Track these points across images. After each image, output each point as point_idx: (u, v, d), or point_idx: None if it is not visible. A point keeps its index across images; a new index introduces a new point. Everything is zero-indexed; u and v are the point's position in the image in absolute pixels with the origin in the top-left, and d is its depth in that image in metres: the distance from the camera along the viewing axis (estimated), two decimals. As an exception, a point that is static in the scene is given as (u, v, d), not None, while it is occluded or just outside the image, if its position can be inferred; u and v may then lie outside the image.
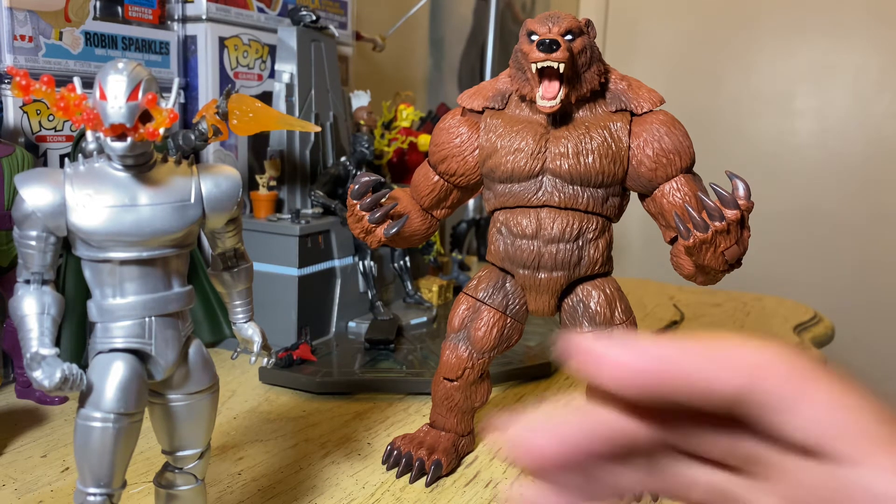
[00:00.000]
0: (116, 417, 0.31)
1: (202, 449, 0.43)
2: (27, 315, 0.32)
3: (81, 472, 0.33)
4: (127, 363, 0.32)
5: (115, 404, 0.31)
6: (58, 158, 0.78)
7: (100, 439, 0.31)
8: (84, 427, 0.31)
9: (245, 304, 0.37)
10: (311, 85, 0.98)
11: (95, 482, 0.32)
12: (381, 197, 0.60)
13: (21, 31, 0.74)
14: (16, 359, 0.70)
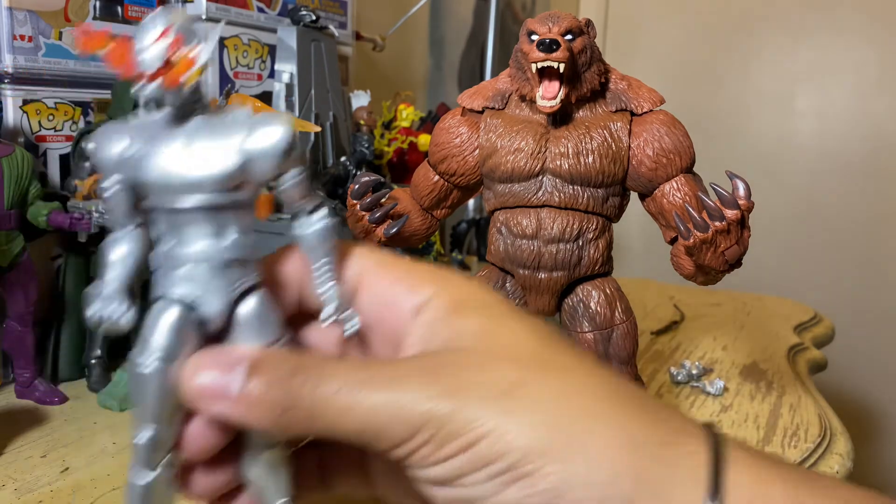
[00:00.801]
0: (162, 355, 0.29)
1: None
2: (109, 261, 0.32)
3: (134, 419, 0.31)
4: (177, 309, 0.30)
5: (162, 348, 0.29)
6: (58, 158, 0.78)
7: (148, 383, 0.29)
8: (134, 373, 0.30)
9: (326, 265, 0.33)
10: (310, 85, 0.98)
11: (146, 423, 0.30)
12: (380, 197, 0.59)
13: (21, 30, 0.74)
14: (16, 359, 0.70)
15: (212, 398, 0.27)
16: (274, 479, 0.32)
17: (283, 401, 0.26)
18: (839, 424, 0.72)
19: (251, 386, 0.27)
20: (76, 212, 0.70)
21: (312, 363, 0.28)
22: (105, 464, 0.60)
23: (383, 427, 0.26)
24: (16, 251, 0.68)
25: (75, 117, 0.80)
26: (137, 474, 0.31)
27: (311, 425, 0.27)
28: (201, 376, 0.28)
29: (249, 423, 0.27)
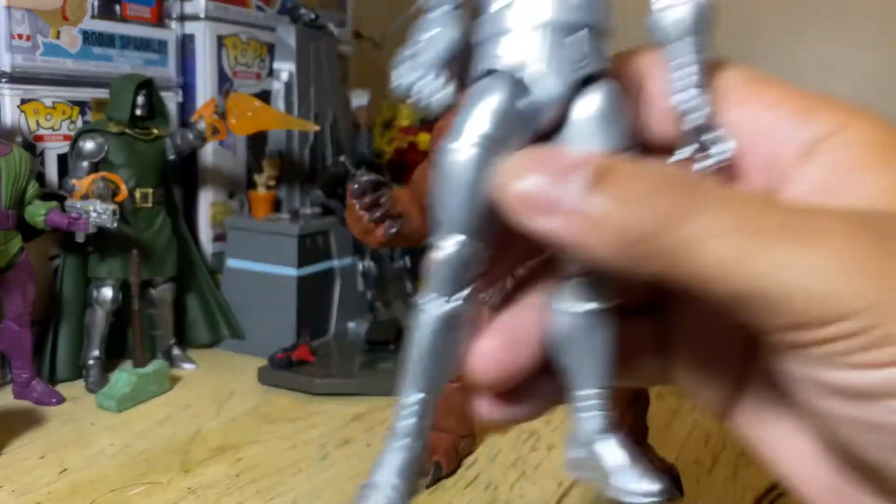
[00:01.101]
0: (482, 142, 0.22)
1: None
2: (420, 40, 0.26)
3: (438, 225, 0.24)
4: (504, 87, 0.23)
5: (482, 134, 0.22)
6: (56, 158, 0.78)
7: (460, 175, 0.22)
8: (444, 161, 0.23)
9: (692, 65, 0.24)
10: (310, 84, 0.98)
11: (450, 231, 0.23)
12: (380, 196, 0.59)
13: (19, 30, 0.74)
14: (13, 359, 0.70)
15: (536, 210, 0.20)
16: (589, 349, 0.25)
17: (638, 227, 0.19)
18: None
19: (595, 200, 0.19)
20: (74, 212, 0.70)
21: (689, 183, 0.20)
22: (103, 465, 0.60)
23: (787, 297, 0.18)
24: (13, 251, 0.67)
25: (73, 116, 0.80)
26: (430, 303, 0.24)
27: (671, 269, 0.19)
28: (525, 180, 0.20)
29: (581, 249, 0.20)
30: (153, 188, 0.79)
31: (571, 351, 0.24)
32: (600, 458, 0.24)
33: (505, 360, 0.24)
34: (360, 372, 0.79)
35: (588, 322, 0.24)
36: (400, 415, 0.24)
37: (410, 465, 0.23)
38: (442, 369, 0.24)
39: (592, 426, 0.25)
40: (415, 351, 0.24)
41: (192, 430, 0.67)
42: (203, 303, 0.87)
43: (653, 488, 0.23)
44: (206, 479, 0.58)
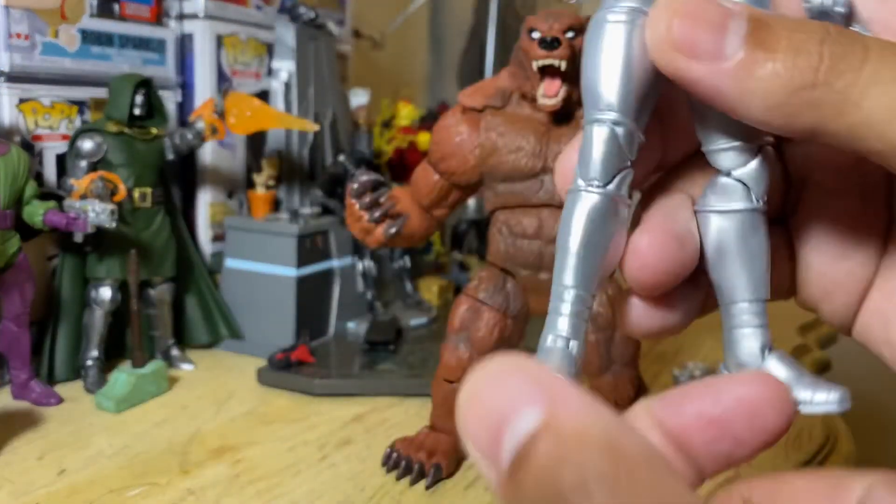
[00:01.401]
0: (629, 12, 0.22)
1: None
2: None
3: (589, 101, 0.23)
4: None
5: (633, 3, 0.22)
6: (54, 158, 0.78)
7: (609, 40, 0.22)
8: (598, 34, 0.22)
9: None
10: (309, 83, 0.97)
11: (596, 105, 0.22)
12: (380, 196, 0.59)
13: (17, 29, 0.73)
14: (12, 359, 0.70)
15: (695, 55, 0.20)
16: (743, 256, 0.23)
17: (802, 75, 0.19)
18: (843, 427, 0.72)
19: (755, 51, 0.19)
20: (72, 211, 0.69)
21: (848, 35, 0.19)
22: (102, 465, 0.59)
23: None
24: (12, 251, 0.67)
25: (71, 116, 0.79)
26: (586, 189, 0.22)
27: (830, 121, 0.19)
28: (685, 25, 0.20)
29: (740, 102, 0.20)
30: (152, 188, 0.79)
31: (724, 259, 0.24)
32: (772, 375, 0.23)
33: (667, 256, 0.23)
34: (360, 372, 0.78)
35: (740, 225, 0.23)
36: (557, 308, 0.22)
37: (572, 365, 0.21)
38: (600, 262, 0.22)
39: (755, 343, 0.24)
40: (571, 240, 0.22)
41: (191, 430, 0.66)
42: (202, 303, 0.87)
43: (832, 396, 0.23)
44: (204, 480, 0.58)
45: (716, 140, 0.23)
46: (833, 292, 0.26)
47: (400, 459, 0.60)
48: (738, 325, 0.24)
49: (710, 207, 0.24)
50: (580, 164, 0.22)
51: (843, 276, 0.25)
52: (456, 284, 1.10)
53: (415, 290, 1.02)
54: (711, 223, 0.24)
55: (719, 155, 0.23)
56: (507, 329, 0.59)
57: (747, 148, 0.23)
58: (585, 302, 0.22)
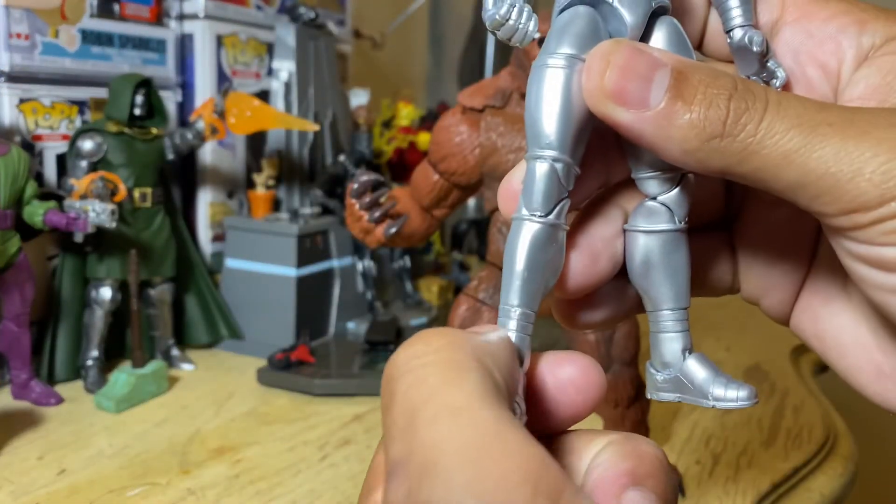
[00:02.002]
0: (567, 59, 0.24)
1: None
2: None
3: (532, 139, 0.25)
4: (586, 10, 0.25)
5: (573, 51, 0.24)
6: (54, 158, 0.78)
7: (549, 84, 0.24)
8: (539, 80, 0.24)
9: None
10: (309, 83, 0.97)
11: (537, 142, 0.24)
12: (380, 196, 0.59)
13: (17, 29, 0.73)
14: (12, 359, 0.70)
15: (622, 104, 0.23)
16: (666, 270, 0.26)
17: (711, 127, 0.22)
18: (843, 426, 0.72)
19: (675, 102, 0.22)
20: (72, 211, 0.70)
21: (758, 88, 0.22)
22: (102, 465, 0.59)
23: (844, 183, 0.21)
24: (12, 251, 0.67)
25: (72, 116, 0.79)
26: (528, 219, 0.25)
27: (739, 165, 0.22)
28: (611, 75, 0.23)
29: (660, 146, 0.23)
30: (152, 188, 0.79)
31: (649, 273, 0.26)
32: (690, 375, 0.26)
33: (584, 271, 0.26)
34: (360, 372, 0.78)
35: (663, 243, 0.26)
36: (505, 324, 0.25)
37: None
38: (541, 283, 0.25)
39: (676, 346, 0.27)
40: (516, 264, 0.25)
41: (191, 430, 0.66)
42: (202, 303, 0.87)
43: (741, 394, 0.26)
44: (204, 481, 0.58)
45: (642, 169, 0.26)
46: (770, 290, 0.29)
47: (400, 459, 0.60)
48: (663, 330, 0.27)
49: (638, 227, 0.26)
50: (524, 195, 0.25)
51: (778, 277, 0.29)
52: (456, 284, 1.10)
53: (415, 290, 1.02)
54: (639, 241, 0.27)
55: (646, 182, 0.26)
56: (507, 329, 0.59)
57: (670, 177, 0.26)
58: (529, 318, 0.25)
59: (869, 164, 0.21)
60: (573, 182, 0.25)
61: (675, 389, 0.27)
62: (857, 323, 0.27)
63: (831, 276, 0.28)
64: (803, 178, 0.21)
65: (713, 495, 0.58)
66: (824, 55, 0.25)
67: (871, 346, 0.26)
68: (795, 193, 0.22)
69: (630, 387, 0.57)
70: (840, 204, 0.21)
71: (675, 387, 0.27)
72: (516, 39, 0.26)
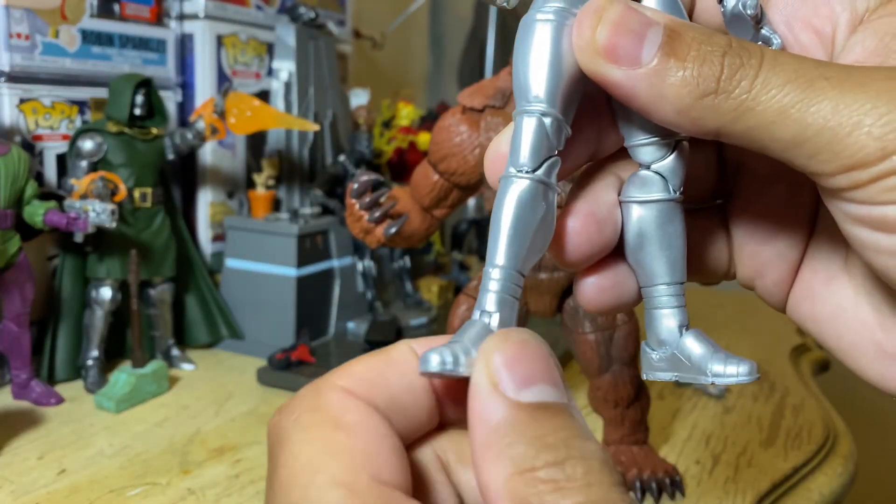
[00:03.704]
0: (557, 12, 0.23)
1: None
2: None
3: (517, 93, 0.24)
4: None
5: (558, 1, 0.23)
6: (54, 158, 0.78)
7: (538, 37, 0.23)
8: (526, 32, 0.24)
9: None
10: (309, 83, 0.97)
11: (525, 96, 0.23)
12: (380, 196, 0.59)
13: (17, 29, 0.74)
14: (12, 359, 0.70)
15: (613, 61, 0.22)
16: (660, 242, 0.25)
17: (705, 83, 0.21)
18: (843, 426, 0.72)
19: (667, 59, 0.21)
20: (72, 211, 0.70)
21: (753, 46, 0.22)
22: (102, 465, 0.59)
23: (842, 137, 0.20)
24: (12, 251, 0.67)
25: (72, 116, 0.79)
26: (517, 175, 0.24)
27: (734, 123, 0.21)
28: (606, 31, 0.22)
29: (652, 105, 0.22)
30: (152, 188, 0.79)
31: (643, 245, 0.25)
32: (687, 352, 0.25)
33: (588, 239, 0.25)
34: (360, 372, 0.78)
35: (658, 214, 0.25)
36: (486, 286, 0.23)
37: (486, 336, 0.22)
38: (529, 242, 0.23)
39: (672, 322, 0.25)
40: (502, 222, 0.23)
41: (191, 430, 0.66)
42: (202, 303, 0.87)
43: (742, 369, 0.25)
44: (205, 480, 0.58)
45: (636, 136, 0.25)
46: (764, 272, 0.28)
47: (400, 459, 0.60)
48: (658, 306, 0.26)
49: (632, 198, 0.26)
50: (511, 153, 0.24)
51: (773, 257, 0.28)
52: (456, 284, 1.10)
53: (415, 290, 1.02)
54: (632, 212, 0.26)
55: (639, 150, 0.25)
56: (506, 329, 0.59)
57: (664, 144, 0.25)
58: (515, 279, 0.23)
59: (868, 116, 0.20)
60: (563, 142, 0.24)
61: (672, 368, 0.26)
62: (857, 301, 0.26)
63: (831, 253, 0.27)
64: (800, 135, 0.21)
65: (713, 495, 0.58)
66: (818, 20, 0.24)
67: (872, 325, 0.25)
68: (792, 153, 0.21)
69: (630, 387, 0.57)
70: (839, 161, 0.20)
71: (671, 365, 0.26)
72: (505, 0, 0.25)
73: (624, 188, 0.26)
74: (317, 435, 0.20)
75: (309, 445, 0.20)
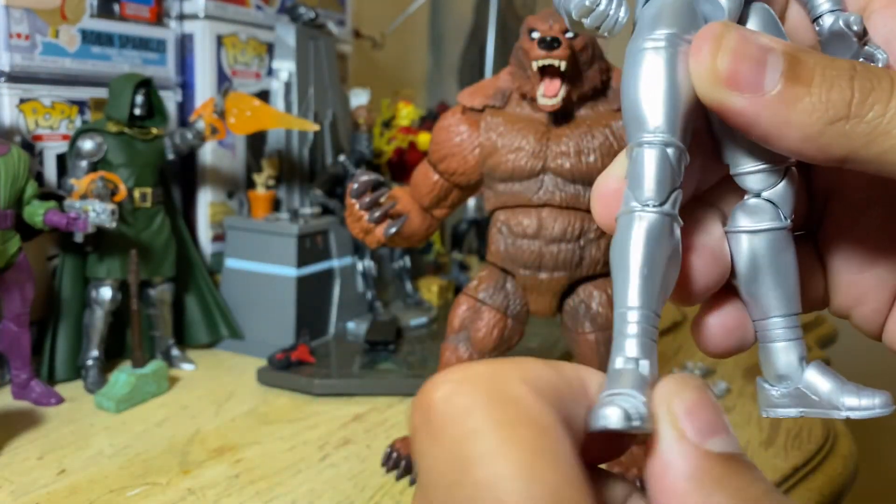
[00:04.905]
0: (669, 38, 0.23)
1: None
2: None
3: (632, 124, 0.23)
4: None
5: (666, 26, 0.23)
6: (54, 158, 0.78)
7: (651, 65, 0.22)
8: (634, 59, 0.23)
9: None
10: (309, 83, 0.97)
11: (644, 127, 0.22)
12: (380, 196, 0.59)
13: (17, 29, 0.74)
14: (12, 359, 0.70)
15: (735, 88, 0.21)
16: (774, 272, 0.24)
17: (835, 109, 0.21)
18: (843, 426, 0.72)
19: (793, 85, 0.21)
20: (72, 211, 0.70)
21: (877, 69, 0.21)
22: (102, 465, 0.59)
23: None
24: (12, 251, 0.67)
25: (72, 116, 0.79)
26: (644, 209, 0.22)
27: (865, 148, 0.21)
28: (724, 60, 0.21)
29: (776, 132, 0.21)
30: (152, 188, 0.79)
31: (758, 276, 0.25)
32: (814, 387, 0.24)
33: (707, 272, 0.25)
34: (360, 372, 0.78)
35: (770, 243, 0.24)
36: (622, 330, 0.22)
37: (645, 384, 0.21)
38: (661, 282, 0.22)
39: (793, 356, 0.24)
40: (632, 261, 0.22)
41: (191, 430, 0.66)
42: (202, 303, 0.87)
43: (878, 401, 0.24)
44: (204, 480, 0.58)
45: (745, 164, 0.25)
46: (863, 300, 0.27)
47: (400, 459, 0.60)
48: (774, 339, 0.25)
49: (742, 228, 0.25)
50: (632, 187, 0.23)
51: (871, 284, 0.27)
52: (456, 284, 1.10)
53: (415, 290, 1.02)
54: (743, 242, 0.25)
55: (748, 178, 0.25)
56: (506, 329, 0.59)
57: (774, 170, 0.24)
58: (652, 321, 0.22)
59: None
60: (683, 171, 0.23)
61: (798, 404, 0.25)
62: None
63: None
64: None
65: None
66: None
67: None
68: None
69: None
70: None
71: (796, 401, 0.25)
72: (605, 28, 0.24)
73: (732, 218, 0.25)
74: (523, 434, 0.18)
75: (512, 446, 0.18)
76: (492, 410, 0.18)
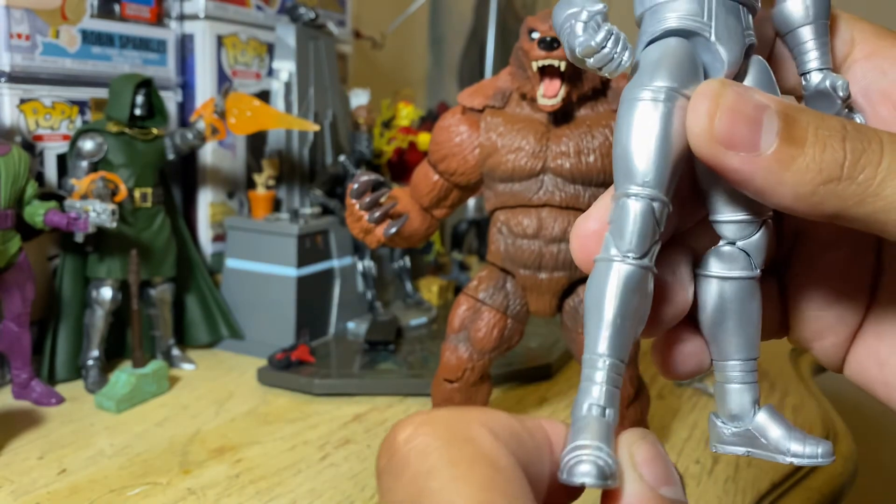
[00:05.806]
0: (667, 93, 0.23)
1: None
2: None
3: (624, 172, 0.23)
4: (681, 43, 0.24)
5: (665, 78, 0.23)
6: (55, 158, 0.78)
7: (646, 117, 0.23)
8: (635, 112, 0.23)
9: (817, 32, 0.26)
10: (309, 83, 0.97)
11: (633, 179, 0.23)
12: (380, 196, 0.59)
13: (18, 29, 0.74)
14: (12, 359, 0.70)
15: (731, 147, 0.22)
16: (740, 319, 0.25)
17: (828, 170, 0.21)
18: (842, 425, 0.72)
19: (787, 146, 0.21)
20: (73, 211, 0.70)
21: (867, 128, 0.22)
22: (102, 465, 0.59)
23: None
24: (12, 251, 0.67)
25: (72, 116, 0.79)
26: (622, 260, 0.23)
27: (856, 207, 0.21)
28: (721, 119, 0.22)
29: (770, 190, 0.22)
30: (152, 188, 0.79)
31: (723, 321, 0.25)
32: (763, 430, 0.25)
33: (673, 310, 0.26)
34: (360, 372, 0.78)
35: (739, 290, 0.25)
36: (591, 377, 0.23)
37: (610, 433, 0.22)
38: (631, 331, 0.23)
39: (746, 399, 0.26)
40: (606, 309, 0.23)
41: (192, 430, 0.66)
42: (202, 303, 0.87)
43: (821, 450, 0.25)
44: (205, 480, 0.58)
45: (724, 213, 0.25)
46: (824, 334, 0.28)
47: (400, 459, 0.60)
48: (731, 381, 0.26)
49: (713, 273, 0.25)
50: (615, 235, 0.23)
51: (833, 320, 0.28)
52: (456, 284, 1.10)
53: (415, 290, 1.02)
54: (713, 287, 0.26)
55: (726, 226, 0.25)
56: (506, 329, 0.59)
57: (752, 221, 0.25)
58: (619, 370, 0.23)
59: None
60: (665, 224, 0.23)
61: (746, 444, 0.26)
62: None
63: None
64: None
65: (713, 495, 0.58)
66: (893, 89, 0.25)
67: None
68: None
69: (629, 387, 0.57)
70: None
71: (745, 441, 0.26)
72: (608, 69, 0.24)
73: (704, 262, 0.26)
74: (476, 471, 0.19)
75: (465, 482, 0.19)
76: (449, 449, 0.20)
